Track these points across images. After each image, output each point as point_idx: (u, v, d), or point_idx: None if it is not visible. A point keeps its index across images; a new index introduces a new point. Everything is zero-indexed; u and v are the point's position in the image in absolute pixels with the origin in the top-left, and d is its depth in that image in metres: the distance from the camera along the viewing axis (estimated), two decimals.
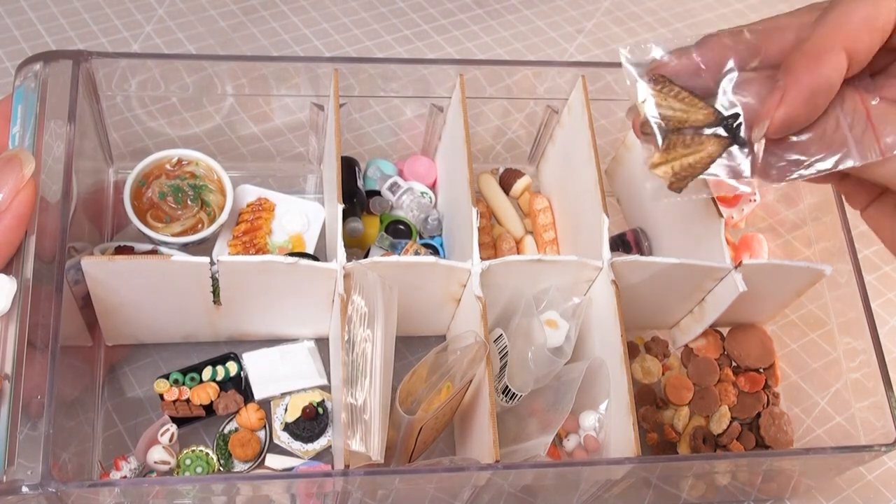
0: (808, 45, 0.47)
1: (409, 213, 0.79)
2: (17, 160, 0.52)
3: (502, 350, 0.68)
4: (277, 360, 0.72)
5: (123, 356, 0.72)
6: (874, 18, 0.45)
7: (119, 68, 0.67)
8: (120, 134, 0.75)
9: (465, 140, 0.69)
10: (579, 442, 0.69)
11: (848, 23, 0.46)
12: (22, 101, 0.59)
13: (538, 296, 0.70)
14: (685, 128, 0.51)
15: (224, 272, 0.63)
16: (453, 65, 0.73)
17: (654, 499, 0.72)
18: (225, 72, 0.70)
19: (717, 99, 0.51)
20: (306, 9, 0.99)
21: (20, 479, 0.49)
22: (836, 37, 0.46)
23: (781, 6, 1.12)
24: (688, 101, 0.51)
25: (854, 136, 0.48)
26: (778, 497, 0.75)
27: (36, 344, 0.52)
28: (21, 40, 0.90)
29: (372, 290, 0.63)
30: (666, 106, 0.51)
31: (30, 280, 0.53)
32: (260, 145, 0.83)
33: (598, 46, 1.02)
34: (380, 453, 0.59)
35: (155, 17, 0.95)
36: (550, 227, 0.79)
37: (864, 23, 0.45)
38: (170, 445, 0.65)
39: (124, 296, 0.65)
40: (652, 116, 0.51)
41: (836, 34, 0.46)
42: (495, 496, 0.65)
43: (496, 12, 1.03)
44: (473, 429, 0.66)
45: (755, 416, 0.73)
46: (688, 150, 0.51)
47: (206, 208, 0.73)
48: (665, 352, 0.76)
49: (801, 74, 0.47)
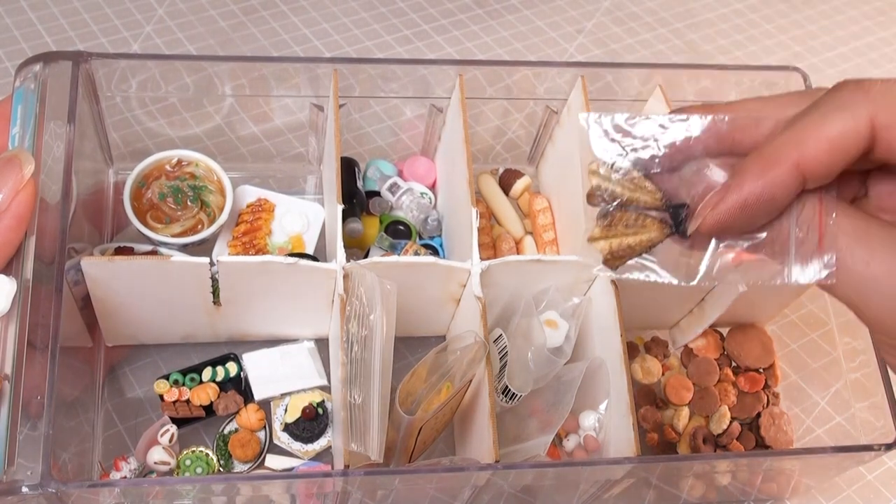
0: (762, 154, 0.44)
1: (408, 213, 0.79)
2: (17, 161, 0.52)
3: (502, 350, 0.68)
4: (277, 361, 0.72)
5: (123, 357, 0.72)
6: (838, 140, 0.42)
7: (119, 69, 0.67)
8: (120, 134, 0.75)
9: (464, 140, 0.69)
10: (579, 442, 0.69)
11: (808, 139, 0.43)
12: (22, 102, 0.59)
13: (538, 296, 0.70)
14: (630, 206, 0.51)
15: (224, 273, 0.63)
16: (453, 65, 0.73)
17: (654, 499, 0.72)
18: (225, 72, 0.70)
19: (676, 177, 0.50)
20: (306, 9, 0.99)
21: (20, 479, 0.49)
22: (791, 152, 0.43)
23: (781, 6, 1.12)
24: (637, 182, 0.50)
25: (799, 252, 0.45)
26: (778, 497, 0.75)
27: (36, 344, 0.52)
28: (21, 40, 0.90)
29: (370, 290, 0.63)
30: (614, 182, 0.50)
31: (30, 281, 0.53)
32: (260, 146, 0.83)
33: (598, 46, 1.02)
34: (379, 453, 0.59)
35: (155, 17, 0.95)
36: (550, 228, 0.79)
37: (826, 143, 0.43)
38: (170, 446, 0.65)
39: (124, 296, 0.65)
40: (597, 192, 0.50)
41: (791, 149, 0.43)
42: (495, 496, 0.65)
43: (496, 12, 1.03)
44: (473, 429, 0.66)
45: (755, 416, 0.73)
46: (628, 230, 0.51)
47: (206, 209, 0.73)
48: (665, 352, 0.76)
49: (746, 182, 0.44)
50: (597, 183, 0.50)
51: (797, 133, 0.44)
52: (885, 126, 0.42)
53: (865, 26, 1.12)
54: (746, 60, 1.05)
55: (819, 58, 1.08)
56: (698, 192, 0.49)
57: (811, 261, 0.45)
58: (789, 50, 1.08)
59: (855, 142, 0.43)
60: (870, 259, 0.43)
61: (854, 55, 1.09)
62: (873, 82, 0.43)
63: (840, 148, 0.43)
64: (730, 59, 1.05)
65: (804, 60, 1.06)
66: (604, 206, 0.51)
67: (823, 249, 0.44)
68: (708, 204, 0.46)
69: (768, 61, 1.05)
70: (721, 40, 1.07)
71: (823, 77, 1.05)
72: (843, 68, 1.07)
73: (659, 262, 0.51)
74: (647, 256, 0.51)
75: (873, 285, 0.42)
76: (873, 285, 0.42)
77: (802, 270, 0.45)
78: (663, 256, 0.52)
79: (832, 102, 0.44)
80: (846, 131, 0.43)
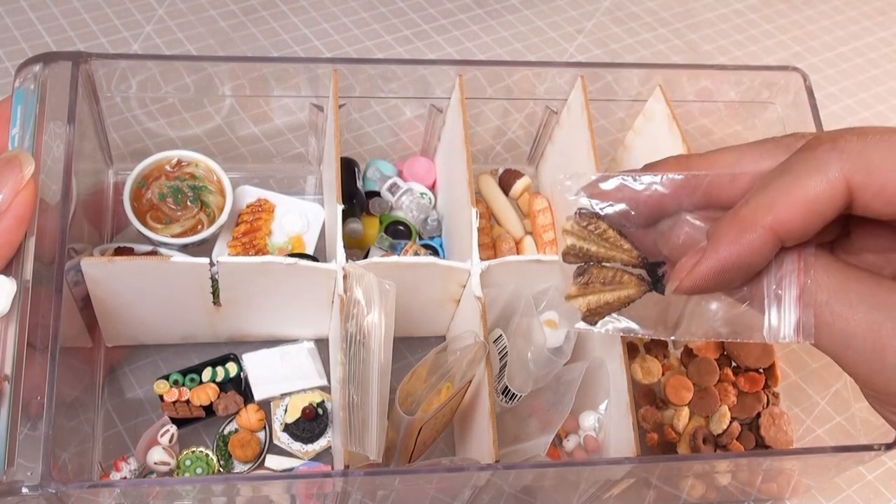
0: (737, 217, 0.43)
1: (408, 213, 0.79)
2: (17, 161, 0.52)
3: (502, 350, 0.68)
4: (277, 361, 0.72)
5: (123, 357, 0.72)
6: (812, 204, 0.41)
7: (119, 69, 0.67)
8: (119, 135, 0.75)
9: (464, 140, 0.69)
10: (579, 442, 0.69)
11: (782, 203, 0.42)
12: (21, 103, 0.59)
13: (538, 296, 0.70)
14: (607, 264, 0.50)
15: (224, 273, 0.63)
16: (453, 65, 0.73)
17: (654, 499, 0.72)
18: (225, 72, 0.70)
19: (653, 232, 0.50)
20: (306, 9, 0.99)
21: (20, 479, 0.49)
22: (766, 216, 0.42)
23: (781, 6, 1.12)
24: (612, 241, 0.50)
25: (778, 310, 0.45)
26: (778, 497, 0.75)
27: (36, 345, 0.52)
28: (21, 40, 0.90)
29: (369, 290, 0.63)
30: (590, 241, 0.50)
31: (29, 281, 0.53)
32: (260, 146, 0.83)
33: (598, 46, 1.02)
34: (377, 453, 0.59)
35: (155, 17, 0.95)
36: (550, 228, 0.79)
37: (801, 206, 0.42)
38: (170, 446, 0.65)
39: (124, 297, 0.65)
40: (572, 251, 0.50)
41: (765, 213, 0.42)
42: (495, 496, 0.65)
43: (496, 12, 1.03)
44: (473, 429, 0.66)
45: (755, 416, 0.73)
46: (605, 287, 0.50)
47: (206, 209, 0.73)
48: (665, 352, 0.76)
49: (722, 246, 0.44)
50: (571, 242, 0.50)
51: (771, 196, 0.42)
52: (861, 187, 0.41)
53: (865, 26, 1.12)
54: (746, 60, 1.05)
55: (819, 58, 1.08)
56: (676, 247, 0.48)
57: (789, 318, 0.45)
58: (789, 50, 1.08)
59: (831, 204, 0.42)
60: (849, 316, 0.42)
61: (854, 55, 1.09)
62: (847, 139, 0.41)
63: (815, 211, 0.42)
64: (730, 59, 1.05)
65: (804, 60, 1.06)
66: (581, 264, 0.51)
67: (802, 307, 0.43)
68: (684, 267, 0.46)
69: (768, 61, 1.05)
70: (721, 40, 1.07)
71: (823, 77, 1.06)
72: (843, 68, 1.07)
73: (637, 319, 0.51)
74: (626, 315, 0.51)
75: (853, 342, 0.42)
76: (853, 342, 0.42)
77: (780, 328, 0.45)
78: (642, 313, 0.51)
79: (806, 163, 0.42)
80: (820, 194, 0.41)
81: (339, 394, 0.61)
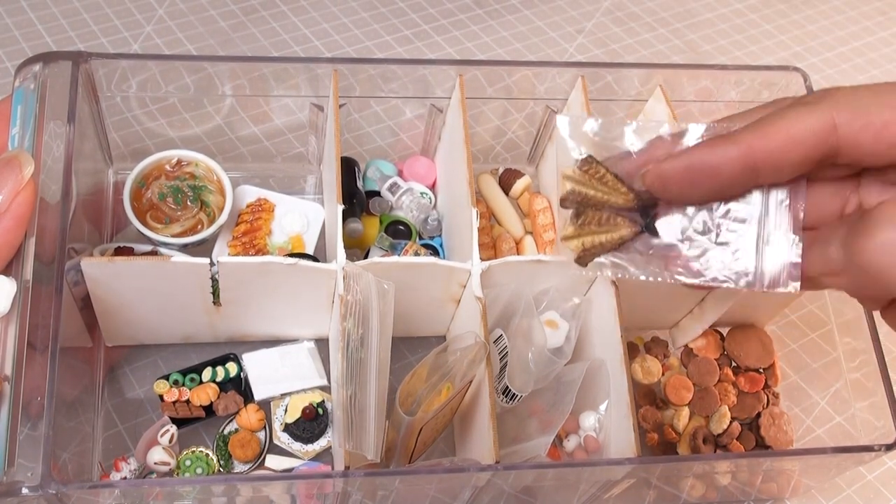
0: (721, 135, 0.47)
1: (408, 213, 0.79)
2: (17, 161, 0.52)
3: (502, 351, 0.68)
4: (277, 361, 0.72)
5: (123, 357, 0.72)
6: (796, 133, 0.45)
7: (119, 69, 0.67)
8: (119, 134, 0.75)
9: (464, 140, 0.69)
10: (579, 442, 0.69)
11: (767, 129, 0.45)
12: (21, 102, 0.59)
13: (538, 296, 0.70)
14: (603, 207, 0.52)
15: (224, 273, 0.63)
16: (453, 65, 0.73)
17: (654, 499, 0.72)
18: (225, 72, 0.70)
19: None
20: (306, 9, 0.99)
21: (20, 480, 0.49)
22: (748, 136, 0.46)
23: (781, 6, 1.12)
24: (611, 185, 0.52)
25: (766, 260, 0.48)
26: (778, 497, 0.75)
27: (36, 345, 0.52)
28: (21, 40, 0.90)
29: (367, 289, 0.63)
30: (589, 185, 0.52)
31: (29, 281, 0.53)
32: (260, 145, 0.83)
33: (598, 46, 1.02)
34: (376, 453, 0.59)
35: (155, 17, 0.95)
36: (550, 228, 0.79)
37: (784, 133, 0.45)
38: (170, 446, 0.65)
39: (124, 297, 0.65)
40: (570, 195, 0.52)
41: (748, 134, 0.46)
42: (495, 497, 0.65)
43: (496, 12, 1.03)
44: (473, 429, 0.66)
45: (755, 416, 0.73)
46: (600, 228, 0.53)
47: (206, 209, 0.73)
48: (665, 352, 0.76)
49: (696, 150, 0.47)
50: (571, 187, 0.53)
51: (758, 124, 0.46)
52: (846, 122, 0.44)
53: (865, 26, 1.12)
54: (746, 60, 1.05)
55: (819, 58, 1.08)
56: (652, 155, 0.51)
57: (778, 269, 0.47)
58: (789, 50, 1.08)
59: (812, 137, 0.44)
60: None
61: (854, 55, 1.09)
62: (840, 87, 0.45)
63: (797, 140, 0.44)
64: (730, 59, 1.05)
65: (804, 60, 1.06)
66: (578, 205, 0.53)
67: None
68: (655, 160, 0.48)
69: (768, 61, 1.05)
70: (721, 40, 1.07)
71: (823, 77, 1.05)
72: (843, 68, 1.07)
73: (629, 260, 0.53)
74: (618, 254, 0.53)
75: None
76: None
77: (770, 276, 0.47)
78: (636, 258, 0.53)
79: (797, 104, 0.46)
80: (806, 127, 0.44)
81: (338, 394, 0.61)
